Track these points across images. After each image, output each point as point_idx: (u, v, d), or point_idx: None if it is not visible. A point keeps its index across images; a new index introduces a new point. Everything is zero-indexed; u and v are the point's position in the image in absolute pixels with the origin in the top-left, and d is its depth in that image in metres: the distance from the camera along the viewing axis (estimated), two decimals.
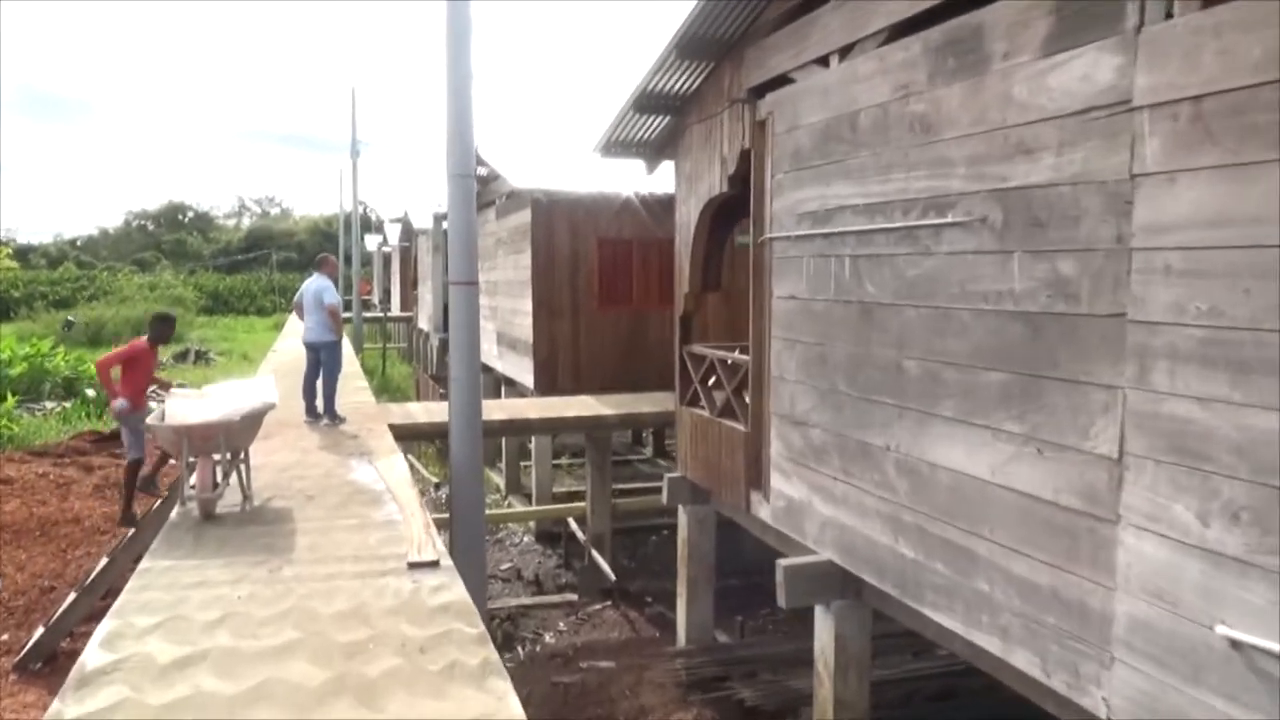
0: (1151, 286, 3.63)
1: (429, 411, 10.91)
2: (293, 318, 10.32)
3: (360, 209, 37.93)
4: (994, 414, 4.49)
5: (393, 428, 9.90)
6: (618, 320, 14.55)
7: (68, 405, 22.28)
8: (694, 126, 8.08)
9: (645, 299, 14.66)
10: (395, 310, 38.42)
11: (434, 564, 5.22)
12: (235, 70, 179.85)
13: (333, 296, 10.05)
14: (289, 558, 5.37)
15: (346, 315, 34.53)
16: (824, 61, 6.00)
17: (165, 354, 34.42)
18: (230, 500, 6.58)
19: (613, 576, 11.02)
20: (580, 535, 12.14)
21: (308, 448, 8.68)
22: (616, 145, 9.27)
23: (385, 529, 5.96)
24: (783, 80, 6.55)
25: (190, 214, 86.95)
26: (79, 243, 79.14)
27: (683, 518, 8.71)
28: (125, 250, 76.01)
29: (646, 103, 8.29)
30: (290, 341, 22.70)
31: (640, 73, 8.18)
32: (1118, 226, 3.77)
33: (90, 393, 23.60)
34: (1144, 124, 3.64)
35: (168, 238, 78.68)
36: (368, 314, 36.85)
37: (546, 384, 14.20)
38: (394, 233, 37.98)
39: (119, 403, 8.06)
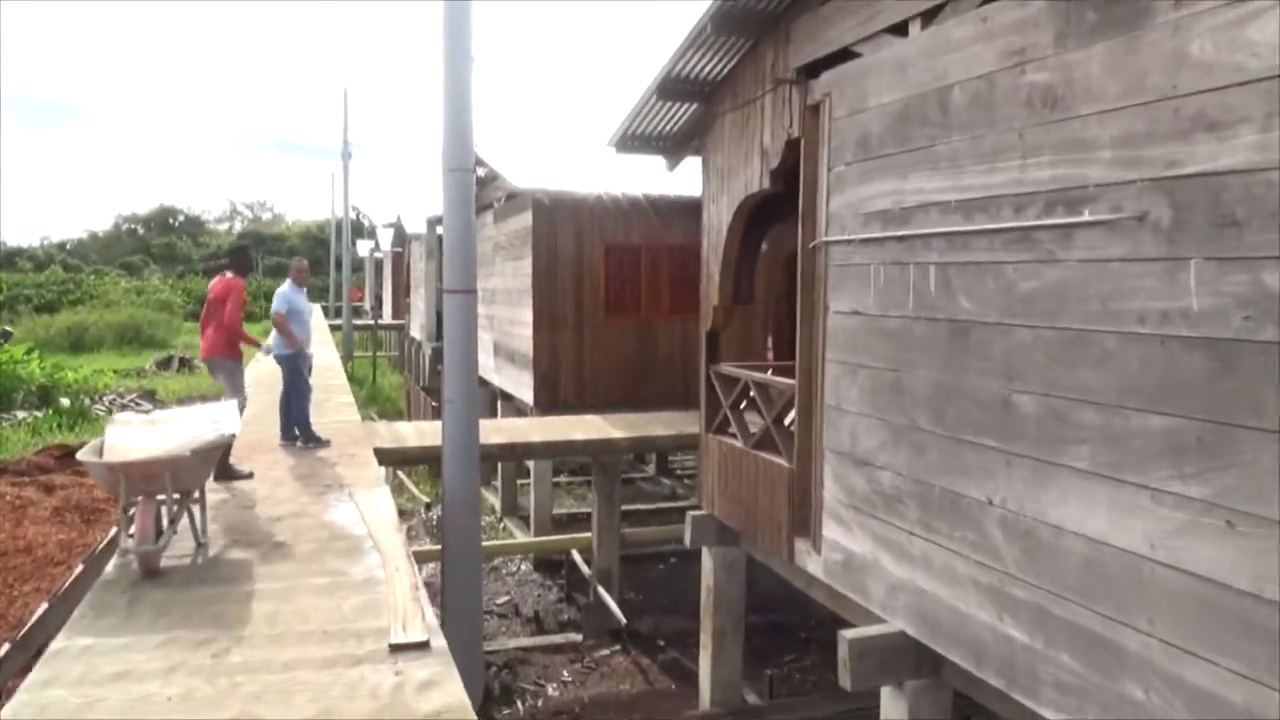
0: None
1: (420, 433, 9.84)
2: None
3: (353, 214, 36.92)
4: (1155, 470, 3.45)
5: (379, 452, 8.83)
6: (625, 332, 13.52)
7: (39, 415, 21.15)
8: (727, 115, 7.05)
9: (655, 309, 13.65)
10: (387, 318, 37.32)
11: (423, 645, 4.15)
12: (228, 75, 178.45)
13: (279, 303, 8.70)
14: (241, 634, 4.29)
15: (335, 323, 33.56)
16: (900, 29, 4.98)
17: (148, 361, 33.30)
18: (182, 548, 5.51)
19: (622, 619, 9.94)
20: (585, 569, 11.07)
21: (280, 478, 7.59)
22: (634, 139, 8.24)
23: (364, 591, 4.89)
24: (843, 55, 5.52)
25: (181, 218, 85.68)
26: (68, 246, 77.82)
27: (707, 561, 7.65)
28: (114, 254, 74.75)
29: (672, 88, 7.26)
30: None
31: (657, 63, 7.21)
32: None
33: (65, 402, 22.46)
34: None
35: (157, 241, 77.40)
36: (358, 321, 35.72)
37: (547, 400, 13.16)
38: (386, 238, 36.93)
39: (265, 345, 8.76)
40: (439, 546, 10.79)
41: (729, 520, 7.20)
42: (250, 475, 7.59)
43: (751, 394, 6.88)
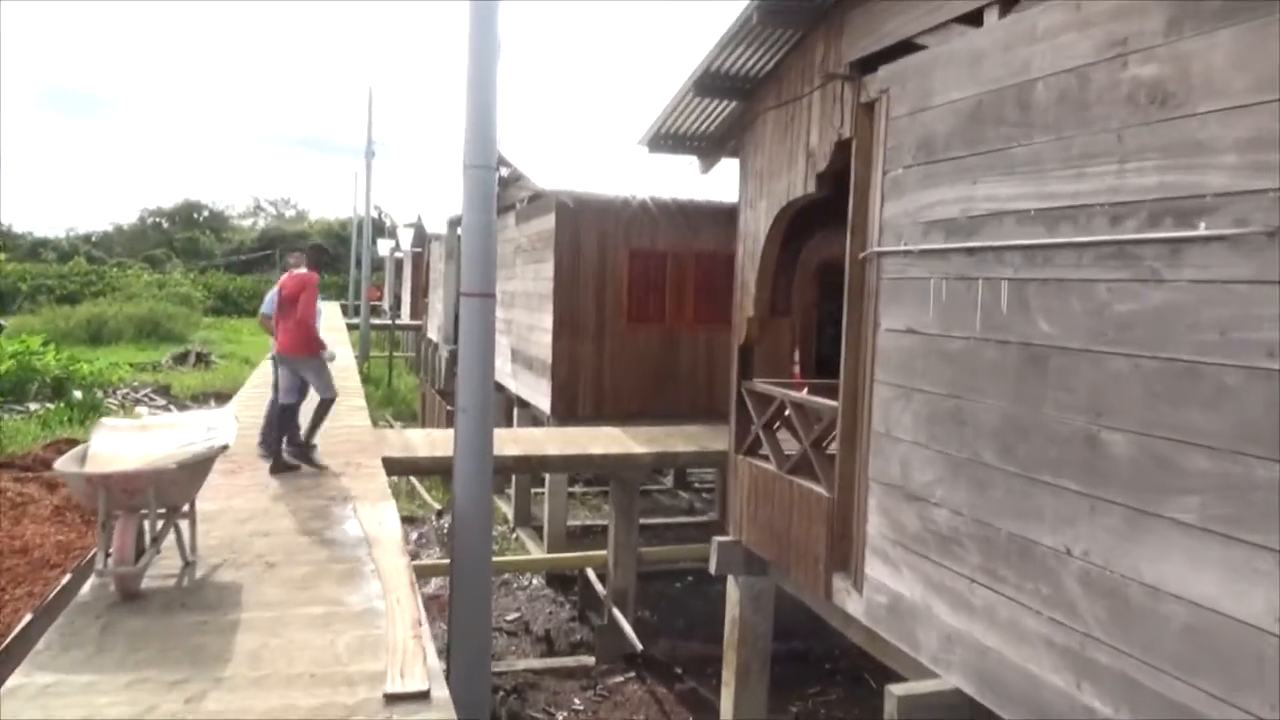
0: None
1: (431, 442, 9.38)
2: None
3: (375, 213, 36.66)
4: None
5: (387, 462, 8.38)
6: (647, 341, 13.06)
7: (51, 407, 20.86)
8: (769, 113, 6.57)
9: (679, 318, 13.19)
10: (405, 318, 37.00)
11: (422, 696, 3.67)
12: (256, 72, 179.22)
13: (265, 304, 8.48)
14: (220, 675, 3.82)
15: (353, 322, 33.27)
16: (974, 19, 4.48)
17: (163, 355, 33.09)
18: (168, 565, 5.07)
19: (638, 645, 9.43)
20: (599, 588, 10.57)
21: (281, 490, 7.14)
22: (667, 138, 7.77)
23: (361, 624, 4.42)
24: (904, 48, 5.03)
25: (205, 213, 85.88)
26: (93, 238, 78.13)
27: (733, 592, 7.13)
28: (139, 247, 74.94)
29: (711, 84, 6.79)
30: None
31: (689, 63, 6.75)
32: None
33: (78, 395, 22.20)
34: None
35: (180, 235, 77.56)
36: (376, 321, 35.44)
37: (565, 409, 12.70)
38: (407, 237, 36.65)
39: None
40: (449, 560, 10.35)
41: (758, 549, 6.69)
42: (325, 468, 7.88)
43: (788, 414, 6.38)
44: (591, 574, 10.75)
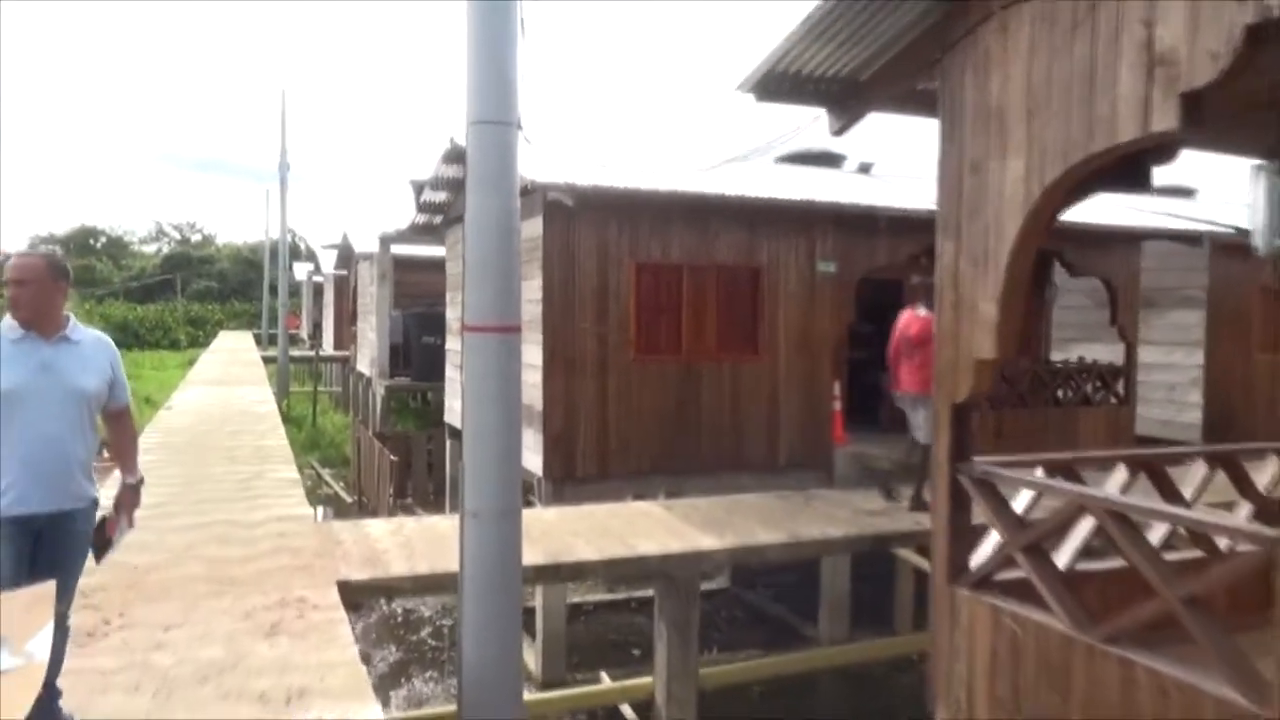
0: None
1: (407, 546, 6.30)
2: (205, 358, 4.90)
3: (289, 236, 32.99)
4: None
5: (346, 589, 5.35)
6: (662, 377, 10.25)
7: None
8: (1012, 11, 3.84)
9: (698, 348, 10.42)
10: (328, 348, 33.30)
11: None
12: (154, 92, 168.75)
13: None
14: None
15: (270, 354, 29.55)
16: None
17: None
18: None
19: None
20: None
21: (170, 672, 4.08)
22: (783, 80, 4.99)
23: None
24: None
25: (103, 239, 79.73)
26: None
27: None
28: None
29: None
30: (195, 392, 17.75)
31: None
32: None
33: None
34: None
35: (75, 263, 71.42)
36: (295, 352, 31.75)
37: (561, 468, 9.80)
38: (328, 259, 33.05)
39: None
40: (428, 709, 7.40)
41: None
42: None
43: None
44: (629, 712, 7.79)
